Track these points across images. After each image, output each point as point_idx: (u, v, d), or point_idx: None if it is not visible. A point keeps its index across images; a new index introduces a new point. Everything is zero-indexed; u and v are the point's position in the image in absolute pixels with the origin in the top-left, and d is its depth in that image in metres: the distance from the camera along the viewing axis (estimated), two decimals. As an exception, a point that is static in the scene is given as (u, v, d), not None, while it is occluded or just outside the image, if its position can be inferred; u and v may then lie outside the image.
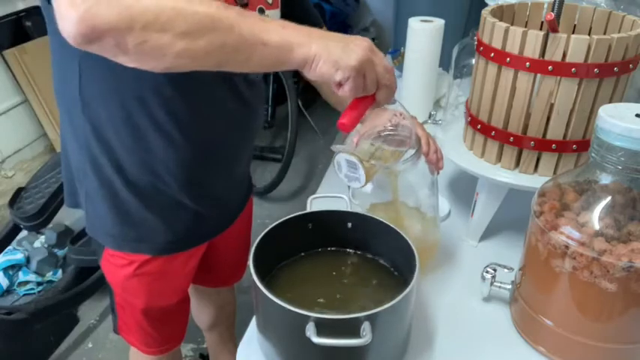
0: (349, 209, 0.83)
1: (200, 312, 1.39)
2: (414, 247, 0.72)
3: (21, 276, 2.04)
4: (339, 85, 0.64)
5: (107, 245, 0.91)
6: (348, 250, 0.83)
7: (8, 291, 2.03)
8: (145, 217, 0.87)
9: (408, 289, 0.64)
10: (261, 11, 0.86)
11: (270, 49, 0.60)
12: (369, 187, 0.83)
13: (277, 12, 0.89)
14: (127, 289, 0.96)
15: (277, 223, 0.75)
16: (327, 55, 0.61)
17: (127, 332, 1.06)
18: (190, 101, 0.80)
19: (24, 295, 2.02)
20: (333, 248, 0.83)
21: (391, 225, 0.77)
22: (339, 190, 0.87)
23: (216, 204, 0.96)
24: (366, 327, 0.59)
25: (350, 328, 0.60)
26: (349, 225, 0.80)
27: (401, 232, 0.75)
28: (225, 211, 1.01)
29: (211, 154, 0.89)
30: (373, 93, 0.67)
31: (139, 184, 0.84)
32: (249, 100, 0.90)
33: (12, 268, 2.06)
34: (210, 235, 0.99)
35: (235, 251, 1.17)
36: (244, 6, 0.81)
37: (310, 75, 0.63)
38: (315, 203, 0.85)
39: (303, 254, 0.81)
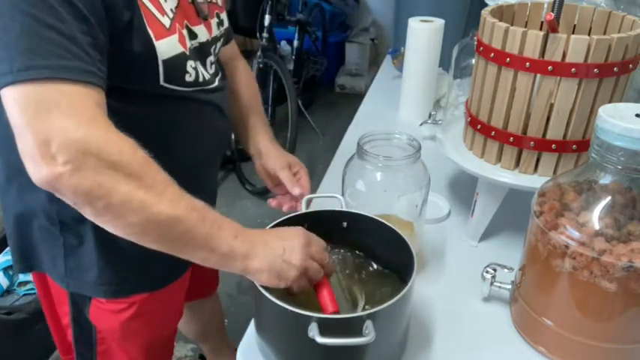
0: (344, 209, 0.83)
1: (188, 326, 1.39)
2: (410, 244, 0.72)
3: (21, 276, 2.03)
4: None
5: (100, 296, 0.84)
6: (343, 249, 0.82)
7: (8, 291, 2.02)
8: (140, 252, 0.70)
9: (408, 287, 0.64)
10: (217, 16, 0.87)
11: (216, 256, 0.65)
12: (362, 186, 0.83)
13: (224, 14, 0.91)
14: (128, 331, 0.89)
15: (272, 224, 0.75)
16: (269, 268, 0.65)
17: None
18: (177, 121, 0.80)
19: (24, 295, 2.01)
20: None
21: (386, 223, 0.77)
22: (339, 190, 0.87)
23: None
24: (368, 325, 0.60)
25: (352, 327, 0.60)
26: (344, 224, 0.80)
27: (396, 229, 0.75)
28: None
29: (197, 169, 0.87)
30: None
31: None
32: (225, 110, 0.90)
33: (12, 268, 2.06)
34: None
35: None
36: (205, 19, 0.82)
37: (255, 281, 0.67)
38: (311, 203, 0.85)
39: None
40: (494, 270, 0.82)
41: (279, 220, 0.76)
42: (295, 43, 3.28)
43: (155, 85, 0.73)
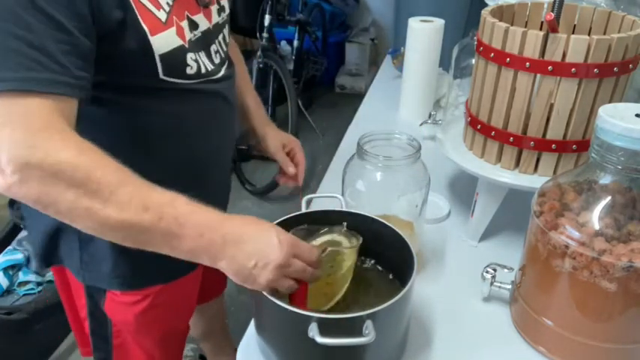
0: (344, 209, 0.83)
1: (193, 326, 1.38)
2: (410, 244, 0.72)
3: (21, 276, 2.03)
4: None
5: (115, 288, 0.86)
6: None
7: (8, 291, 2.02)
8: None
9: (408, 287, 0.64)
10: (218, 3, 0.86)
11: (179, 253, 0.64)
12: (362, 186, 0.83)
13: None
14: (142, 324, 0.90)
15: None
16: (235, 274, 0.64)
17: None
18: (181, 114, 0.80)
19: (24, 295, 2.01)
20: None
21: (386, 223, 0.77)
22: (339, 190, 0.87)
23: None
24: (368, 325, 0.60)
25: (352, 327, 0.60)
26: (344, 224, 0.80)
27: (396, 229, 0.75)
28: None
29: (204, 161, 0.88)
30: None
31: None
32: (232, 100, 0.90)
33: (12, 268, 2.06)
34: None
35: None
36: (205, 7, 0.81)
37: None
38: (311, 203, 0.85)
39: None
40: (494, 270, 0.82)
41: (280, 220, 0.76)
42: (295, 43, 3.28)
43: (155, 79, 0.73)
